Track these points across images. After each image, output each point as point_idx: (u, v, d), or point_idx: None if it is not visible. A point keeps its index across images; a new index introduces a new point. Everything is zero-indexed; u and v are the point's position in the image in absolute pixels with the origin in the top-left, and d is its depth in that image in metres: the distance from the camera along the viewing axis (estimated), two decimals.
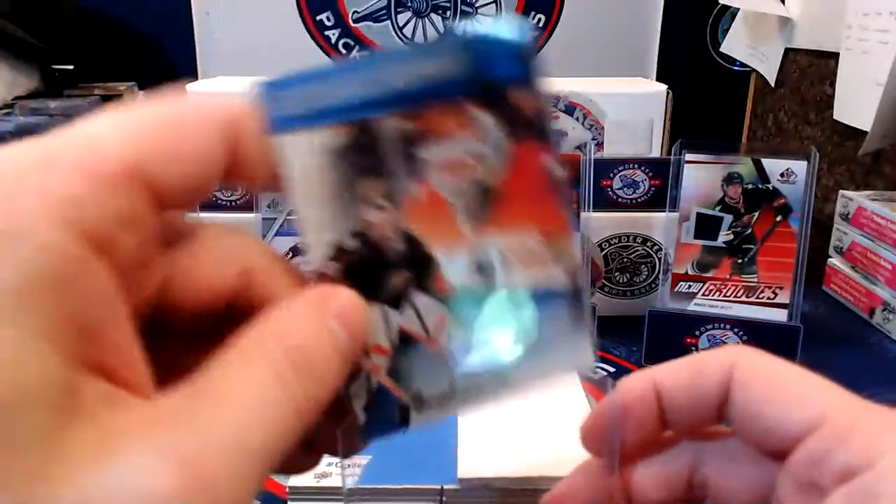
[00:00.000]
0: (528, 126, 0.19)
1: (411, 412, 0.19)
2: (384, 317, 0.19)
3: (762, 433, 0.21)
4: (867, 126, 0.74)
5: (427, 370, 0.19)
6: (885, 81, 0.71)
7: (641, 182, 0.61)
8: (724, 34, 1.13)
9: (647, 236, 0.62)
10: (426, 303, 0.19)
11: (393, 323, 0.19)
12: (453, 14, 1.16)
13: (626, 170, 0.61)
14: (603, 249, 0.63)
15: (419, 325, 0.19)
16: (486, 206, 0.19)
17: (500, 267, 0.19)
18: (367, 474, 0.37)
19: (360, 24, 1.17)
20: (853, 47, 0.82)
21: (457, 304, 0.19)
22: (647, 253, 0.62)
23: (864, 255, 0.65)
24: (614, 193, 0.62)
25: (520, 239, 0.19)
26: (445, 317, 0.19)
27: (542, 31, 1.18)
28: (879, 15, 0.77)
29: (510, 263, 0.19)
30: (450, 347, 0.19)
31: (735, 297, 0.55)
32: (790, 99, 1.03)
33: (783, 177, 0.54)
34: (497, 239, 0.19)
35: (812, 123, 0.98)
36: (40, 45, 1.06)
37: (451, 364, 0.19)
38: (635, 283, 0.63)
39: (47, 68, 1.11)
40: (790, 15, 0.98)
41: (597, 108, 0.70)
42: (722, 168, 0.54)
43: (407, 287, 0.19)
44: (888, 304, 0.62)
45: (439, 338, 0.19)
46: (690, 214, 0.55)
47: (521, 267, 0.19)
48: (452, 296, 0.19)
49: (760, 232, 0.54)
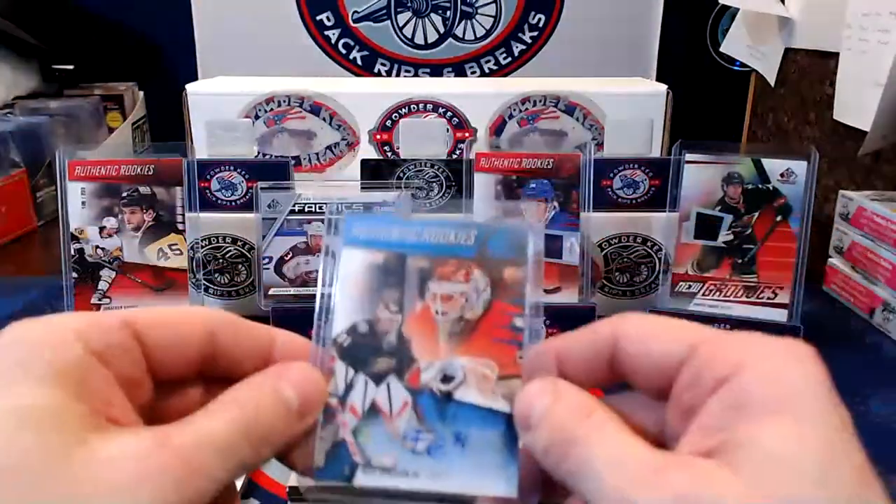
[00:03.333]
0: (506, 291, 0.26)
1: (358, 470, 0.24)
2: (365, 386, 0.25)
3: (645, 376, 0.24)
4: (867, 126, 0.74)
5: (381, 442, 0.24)
6: (885, 81, 0.71)
7: (641, 182, 0.61)
8: (724, 34, 1.13)
9: (647, 236, 0.62)
10: (398, 389, 0.25)
11: (369, 395, 0.25)
12: (453, 14, 1.16)
13: (626, 170, 0.61)
14: (603, 249, 0.63)
15: (387, 404, 0.25)
16: (462, 334, 0.26)
17: (460, 380, 0.25)
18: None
19: (360, 24, 1.17)
20: (853, 47, 0.82)
21: (421, 398, 0.25)
22: (647, 253, 0.62)
23: (864, 255, 0.65)
24: (614, 193, 0.62)
25: (480, 365, 0.25)
26: (408, 405, 0.25)
27: (542, 32, 1.18)
28: (879, 15, 0.77)
29: (468, 381, 0.25)
30: (403, 430, 0.25)
31: (735, 297, 0.55)
32: (790, 99, 1.03)
33: (783, 177, 0.54)
34: (463, 360, 0.25)
35: (812, 123, 0.98)
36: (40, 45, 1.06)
37: (399, 443, 0.24)
38: (635, 283, 0.63)
39: (47, 68, 1.11)
40: (790, 15, 0.98)
41: (597, 108, 0.70)
42: (722, 168, 0.54)
43: (389, 371, 0.25)
44: (888, 304, 0.62)
45: (397, 420, 0.25)
46: (690, 214, 0.55)
47: (475, 386, 0.25)
48: (419, 391, 0.25)
49: (760, 232, 0.54)
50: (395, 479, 0.24)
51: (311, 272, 0.57)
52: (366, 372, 0.25)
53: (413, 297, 0.26)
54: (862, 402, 0.51)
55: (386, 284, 0.26)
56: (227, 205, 0.61)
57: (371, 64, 1.19)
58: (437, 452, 0.24)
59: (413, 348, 0.26)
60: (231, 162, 0.61)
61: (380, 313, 0.26)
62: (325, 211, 0.56)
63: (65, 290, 0.54)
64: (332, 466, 0.24)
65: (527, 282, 0.26)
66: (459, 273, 0.26)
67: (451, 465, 0.24)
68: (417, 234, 0.27)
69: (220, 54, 1.17)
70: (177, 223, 0.55)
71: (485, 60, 1.19)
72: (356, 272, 0.26)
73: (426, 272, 0.26)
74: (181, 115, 0.69)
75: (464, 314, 0.26)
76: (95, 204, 0.54)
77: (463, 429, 0.25)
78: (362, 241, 0.27)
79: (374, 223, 0.27)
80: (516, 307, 0.26)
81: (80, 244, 0.54)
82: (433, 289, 0.26)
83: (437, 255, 0.26)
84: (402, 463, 0.24)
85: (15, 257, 0.83)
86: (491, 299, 0.26)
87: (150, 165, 0.54)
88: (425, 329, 0.26)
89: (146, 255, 0.55)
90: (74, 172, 0.54)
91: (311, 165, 0.72)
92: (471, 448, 0.24)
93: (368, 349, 0.26)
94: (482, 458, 0.24)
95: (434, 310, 0.26)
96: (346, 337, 0.26)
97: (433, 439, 0.25)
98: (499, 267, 0.26)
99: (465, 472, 0.24)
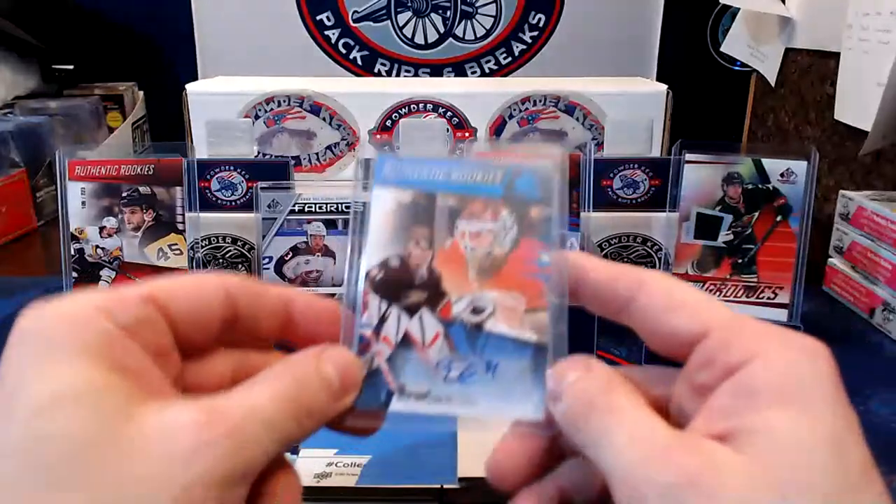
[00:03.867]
0: (533, 228, 0.27)
1: (394, 397, 0.25)
2: (398, 319, 0.26)
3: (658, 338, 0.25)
4: (867, 126, 0.74)
5: (414, 370, 0.26)
6: (885, 81, 0.71)
7: (641, 182, 0.61)
8: (724, 34, 1.13)
9: (647, 236, 0.62)
10: (430, 320, 0.26)
11: (402, 326, 0.26)
12: (453, 14, 1.16)
13: (626, 170, 0.61)
14: (603, 249, 0.62)
15: (420, 335, 0.26)
16: (491, 268, 0.27)
17: (490, 312, 0.26)
18: (367, 474, 0.37)
19: (360, 23, 1.17)
20: (853, 47, 0.82)
21: (452, 329, 0.26)
22: (647, 253, 0.62)
23: (864, 255, 0.65)
24: (614, 193, 0.61)
25: (508, 298, 0.26)
26: (440, 335, 0.26)
27: (543, 32, 1.18)
28: (879, 15, 0.77)
29: (497, 313, 0.26)
30: (436, 359, 0.26)
31: (735, 297, 0.55)
32: (790, 99, 1.03)
33: (783, 177, 0.54)
34: (492, 293, 0.27)
35: (812, 123, 0.98)
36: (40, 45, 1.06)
37: (432, 372, 0.26)
38: None
39: (47, 68, 1.11)
40: (790, 15, 0.98)
41: (597, 108, 0.70)
42: (722, 168, 0.54)
43: (421, 304, 0.26)
44: (888, 304, 0.62)
45: (430, 350, 0.26)
46: (690, 214, 0.55)
47: (504, 318, 0.26)
48: (451, 322, 0.26)
49: (760, 232, 0.54)
50: (429, 404, 0.25)
51: (311, 272, 0.57)
52: (398, 304, 0.26)
53: (443, 234, 0.27)
54: (862, 402, 0.51)
55: (416, 221, 0.27)
56: (227, 205, 0.61)
57: (371, 64, 1.19)
58: (469, 380, 0.26)
59: (444, 282, 0.27)
60: (231, 162, 0.61)
61: (411, 249, 0.27)
62: (324, 212, 0.57)
63: (65, 290, 0.54)
64: (369, 394, 0.25)
65: (552, 219, 0.27)
66: (487, 212, 0.27)
67: (481, 392, 0.26)
68: (446, 174, 0.28)
69: (220, 54, 1.17)
70: (177, 223, 0.55)
71: (485, 60, 1.19)
72: (387, 210, 0.27)
73: (455, 210, 0.27)
74: (181, 115, 0.69)
75: (492, 250, 0.27)
76: (95, 204, 0.54)
77: (493, 357, 0.26)
78: (393, 181, 0.28)
79: (405, 163, 0.28)
80: (543, 243, 0.27)
81: (80, 244, 0.54)
82: (462, 227, 0.27)
83: (465, 194, 0.28)
84: (436, 390, 0.26)
85: (15, 257, 0.83)
86: (518, 237, 0.27)
87: (150, 165, 0.54)
88: (455, 264, 0.27)
89: (146, 255, 0.55)
90: (74, 172, 0.54)
91: (311, 165, 0.72)
92: (500, 375, 0.26)
93: (400, 283, 0.27)
94: (511, 385, 0.26)
95: (463, 246, 0.27)
96: (378, 271, 0.27)
97: (465, 367, 0.26)
98: (525, 206, 0.27)
99: (495, 397, 0.25)
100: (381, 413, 0.25)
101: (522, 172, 0.28)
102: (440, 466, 0.37)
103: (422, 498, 0.36)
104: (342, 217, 0.56)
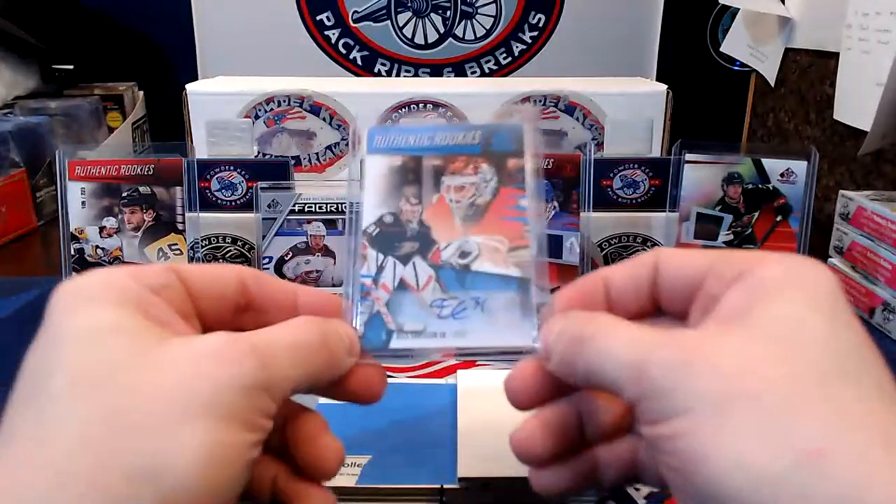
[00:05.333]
0: (511, 177, 0.30)
1: (393, 336, 0.28)
2: (394, 267, 0.29)
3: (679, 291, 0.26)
4: (867, 126, 0.74)
5: (411, 310, 0.29)
6: (885, 81, 0.71)
7: (641, 182, 0.61)
8: (724, 34, 1.13)
9: (648, 236, 0.62)
10: (423, 266, 0.29)
11: (398, 273, 0.29)
12: (453, 14, 1.16)
13: (626, 170, 0.61)
14: (603, 249, 0.63)
15: (414, 280, 0.29)
16: (475, 217, 0.30)
17: (476, 254, 0.29)
18: (367, 474, 0.37)
19: (360, 24, 1.17)
20: (853, 47, 0.82)
21: (442, 272, 0.29)
22: None
23: (864, 255, 0.65)
24: (614, 193, 0.61)
25: (493, 240, 0.29)
26: (432, 278, 0.29)
27: (543, 32, 1.18)
28: (879, 15, 0.77)
29: (483, 254, 0.29)
30: (430, 299, 0.29)
31: None
32: (790, 99, 1.03)
33: (783, 177, 0.54)
34: (477, 237, 0.29)
35: (812, 123, 0.98)
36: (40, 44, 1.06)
37: (427, 311, 0.28)
38: None
39: (47, 68, 1.11)
40: (790, 15, 0.98)
41: (597, 108, 0.70)
42: (722, 168, 0.54)
43: (413, 253, 0.29)
44: (888, 304, 0.62)
45: (424, 291, 0.29)
46: (690, 214, 0.55)
47: (489, 258, 0.29)
48: (441, 266, 0.29)
49: (760, 232, 0.54)
50: (426, 340, 0.28)
51: (311, 272, 0.57)
52: (393, 255, 0.29)
53: (430, 190, 0.30)
54: None
55: (406, 182, 0.30)
56: (227, 205, 0.61)
57: (371, 64, 1.19)
58: (461, 315, 0.28)
59: (433, 232, 0.30)
60: (231, 162, 0.61)
61: (402, 205, 0.30)
62: (324, 212, 0.57)
63: None
64: (372, 334, 0.28)
65: (527, 169, 0.30)
66: (469, 167, 0.30)
67: (473, 325, 0.28)
68: (430, 138, 0.31)
69: (220, 54, 1.16)
70: (177, 223, 0.55)
71: (485, 60, 1.19)
72: (379, 174, 0.31)
73: (440, 169, 0.31)
74: (181, 115, 0.69)
75: (475, 201, 0.30)
76: (95, 204, 0.54)
77: (481, 293, 0.28)
78: (383, 149, 0.31)
79: (392, 132, 0.31)
80: (520, 190, 0.30)
81: (80, 244, 0.54)
82: (447, 182, 0.30)
83: (448, 154, 0.31)
84: (431, 326, 0.28)
85: (15, 257, 0.83)
86: (498, 186, 0.30)
87: (150, 165, 0.54)
88: (442, 216, 0.30)
89: (146, 255, 0.55)
90: (74, 172, 0.54)
91: (311, 165, 0.72)
92: (489, 309, 0.28)
93: (395, 236, 0.30)
94: (500, 317, 0.28)
95: (448, 199, 0.30)
96: (374, 228, 0.30)
97: (456, 305, 0.28)
98: (502, 159, 0.30)
99: (486, 329, 0.28)
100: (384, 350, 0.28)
101: (498, 131, 0.31)
102: (440, 466, 0.37)
103: (422, 498, 0.36)
104: (342, 217, 0.56)
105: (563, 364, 0.26)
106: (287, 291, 0.29)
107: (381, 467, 0.37)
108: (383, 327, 0.28)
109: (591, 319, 0.25)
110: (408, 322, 0.28)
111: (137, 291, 0.24)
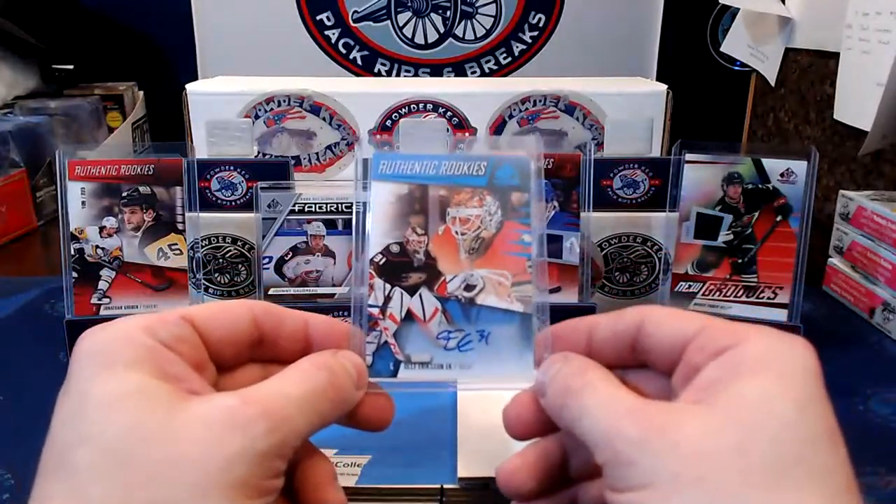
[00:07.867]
0: (515, 212, 0.31)
1: (401, 366, 0.29)
2: (401, 298, 0.30)
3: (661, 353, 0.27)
4: (867, 126, 0.74)
5: (417, 342, 0.29)
6: (885, 81, 0.71)
7: (641, 182, 0.61)
8: (724, 34, 1.13)
9: (648, 236, 0.62)
10: (429, 298, 0.30)
11: (405, 304, 0.30)
12: (453, 14, 1.16)
13: (626, 170, 0.61)
14: (603, 249, 0.62)
15: (421, 311, 0.30)
16: (480, 250, 0.30)
17: (480, 288, 0.30)
18: (367, 474, 0.37)
19: (360, 24, 1.17)
20: (853, 47, 0.82)
21: (448, 304, 0.30)
22: (647, 253, 0.62)
23: (864, 255, 0.65)
24: (614, 193, 0.61)
25: (496, 274, 0.30)
26: (438, 310, 0.30)
27: (543, 32, 1.18)
28: (879, 15, 0.77)
29: (487, 288, 0.30)
30: (436, 331, 0.30)
31: (735, 297, 0.55)
32: (790, 99, 1.03)
33: (783, 177, 0.54)
34: (482, 271, 0.30)
35: (812, 123, 0.98)
36: (40, 44, 1.06)
37: (433, 343, 0.29)
38: (635, 283, 0.63)
39: (47, 68, 1.11)
40: (790, 15, 0.98)
41: (597, 108, 0.70)
42: (722, 168, 0.54)
43: (420, 284, 0.30)
44: (888, 304, 0.62)
45: (430, 324, 0.30)
46: (690, 214, 0.55)
47: (493, 292, 0.30)
48: (447, 299, 0.30)
49: (760, 232, 0.54)
50: (432, 372, 0.29)
51: (311, 272, 0.57)
52: (400, 285, 0.30)
53: (436, 221, 0.31)
54: (862, 402, 0.51)
55: (412, 211, 0.31)
56: (227, 205, 0.61)
57: (371, 64, 1.19)
58: (466, 347, 0.29)
59: (439, 264, 0.30)
60: (231, 162, 0.61)
61: (409, 235, 0.31)
62: (324, 212, 0.57)
63: (65, 290, 0.54)
64: (381, 364, 0.29)
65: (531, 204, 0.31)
66: (474, 199, 0.31)
67: (476, 357, 0.29)
68: (436, 168, 0.31)
69: (220, 54, 1.16)
70: (177, 223, 0.55)
71: (485, 60, 1.19)
72: (386, 202, 0.31)
73: (446, 199, 0.31)
74: (181, 115, 0.69)
75: (480, 233, 0.31)
76: (95, 204, 0.54)
77: (485, 327, 0.29)
78: (389, 176, 0.31)
79: (399, 160, 0.32)
80: (524, 225, 0.31)
81: (80, 244, 0.54)
82: (452, 213, 0.31)
83: (453, 185, 0.31)
84: (437, 358, 0.29)
85: (15, 257, 0.83)
86: (502, 220, 0.31)
87: (150, 165, 0.54)
88: (448, 247, 0.31)
89: (146, 255, 0.55)
90: (74, 172, 0.54)
91: (311, 165, 0.72)
92: (492, 342, 0.29)
93: (401, 266, 0.30)
94: (502, 350, 0.29)
95: (454, 231, 0.31)
96: (381, 257, 0.30)
97: (461, 337, 0.29)
98: (507, 192, 0.31)
99: (489, 361, 0.29)
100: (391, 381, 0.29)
101: (502, 164, 0.31)
102: (440, 466, 0.37)
103: (422, 498, 0.36)
104: (342, 217, 0.56)
105: (551, 407, 0.27)
106: (297, 321, 0.30)
107: (381, 467, 0.37)
108: (391, 357, 0.29)
109: (583, 372, 0.27)
110: (415, 353, 0.29)
111: (152, 348, 0.25)
